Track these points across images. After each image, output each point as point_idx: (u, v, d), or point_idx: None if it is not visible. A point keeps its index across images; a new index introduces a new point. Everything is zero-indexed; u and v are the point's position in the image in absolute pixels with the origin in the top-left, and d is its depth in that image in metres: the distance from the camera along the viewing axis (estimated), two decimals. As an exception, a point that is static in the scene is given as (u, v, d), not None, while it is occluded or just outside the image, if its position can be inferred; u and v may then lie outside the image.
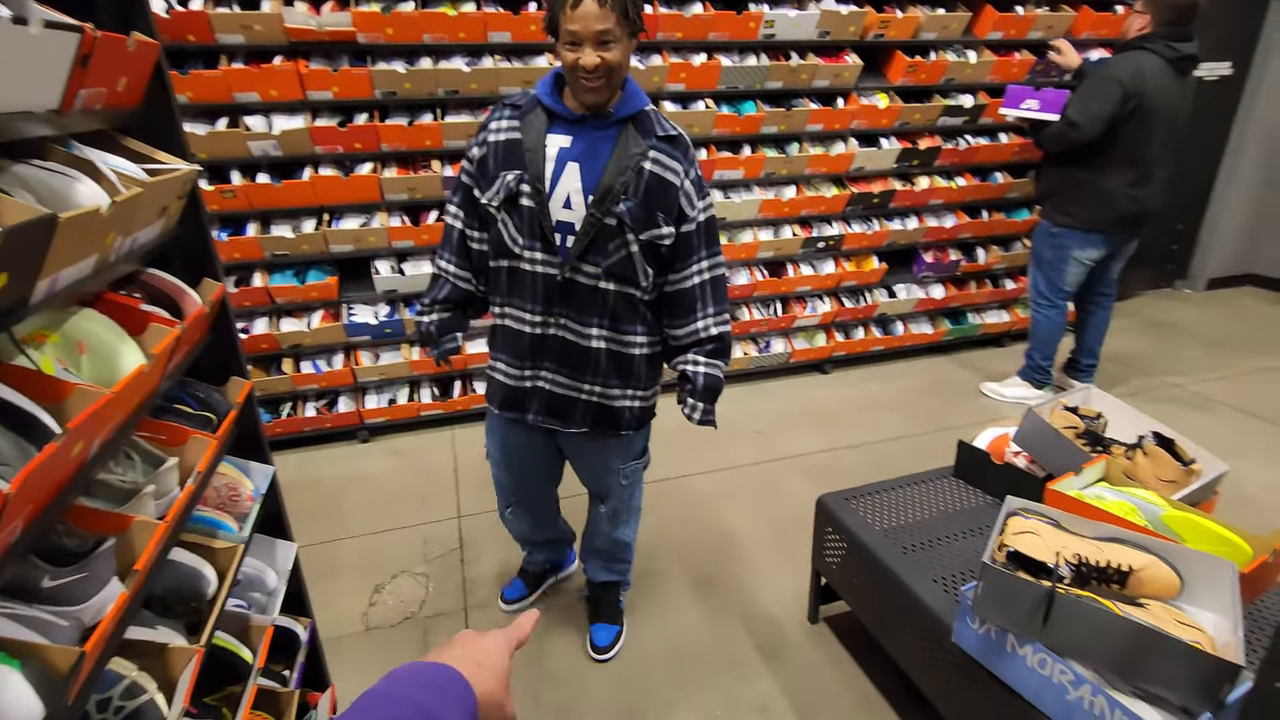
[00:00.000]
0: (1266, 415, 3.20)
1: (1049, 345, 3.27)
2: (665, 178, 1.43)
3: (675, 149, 1.45)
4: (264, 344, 2.73)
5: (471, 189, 1.53)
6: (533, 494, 1.89)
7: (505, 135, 1.46)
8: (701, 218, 1.50)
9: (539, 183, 1.43)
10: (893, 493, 1.90)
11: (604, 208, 1.41)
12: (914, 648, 1.55)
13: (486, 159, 1.49)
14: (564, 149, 1.43)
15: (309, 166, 2.61)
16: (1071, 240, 2.99)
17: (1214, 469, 1.59)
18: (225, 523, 1.20)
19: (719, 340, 1.57)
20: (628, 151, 1.41)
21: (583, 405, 1.59)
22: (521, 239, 1.47)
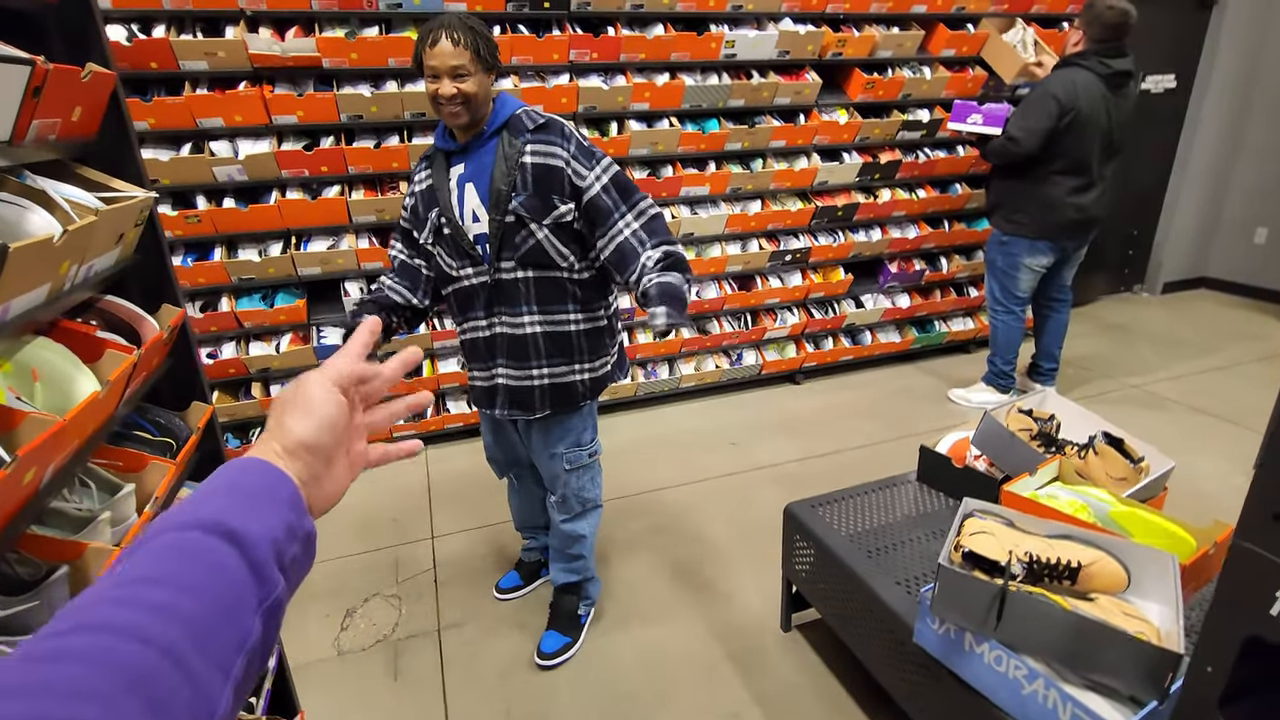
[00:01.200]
0: (1215, 412, 3.31)
1: (1009, 350, 3.35)
2: (547, 163, 1.55)
3: (548, 134, 1.57)
4: (232, 369, 2.71)
5: (411, 232, 1.73)
6: (522, 472, 2.04)
7: (424, 184, 1.67)
8: (601, 180, 1.57)
9: (449, 212, 1.61)
10: (858, 498, 1.94)
11: (500, 210, 1.56)
12: (880, 650, 1.58)
13: (416, 206, 1.69)
14: (461, 175, 1.60)
15: (275, 190, 2.61)
16: (1020, 248, 3.09)
17: (1162, 465, 1.65)
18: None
19: (665, 257, 1.58)
20: (508, 155, 1.55)
21: (538, 391, 1.71)
22: (455, 261, 1.65)
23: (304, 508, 0.46)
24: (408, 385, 2.95)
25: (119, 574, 0.36)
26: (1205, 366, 3.86)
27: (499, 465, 2.01)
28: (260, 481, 0.44)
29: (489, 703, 1.82)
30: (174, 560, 0.37)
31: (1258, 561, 0.78)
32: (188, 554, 0.38)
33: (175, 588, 0.36)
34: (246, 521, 0.40)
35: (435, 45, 1.47)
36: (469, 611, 2.15)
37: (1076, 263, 3.25)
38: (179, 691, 0.32)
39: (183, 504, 0.41)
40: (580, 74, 2.87)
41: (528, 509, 2.13)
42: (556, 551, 1.96)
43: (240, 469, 0.45)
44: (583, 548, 1.94)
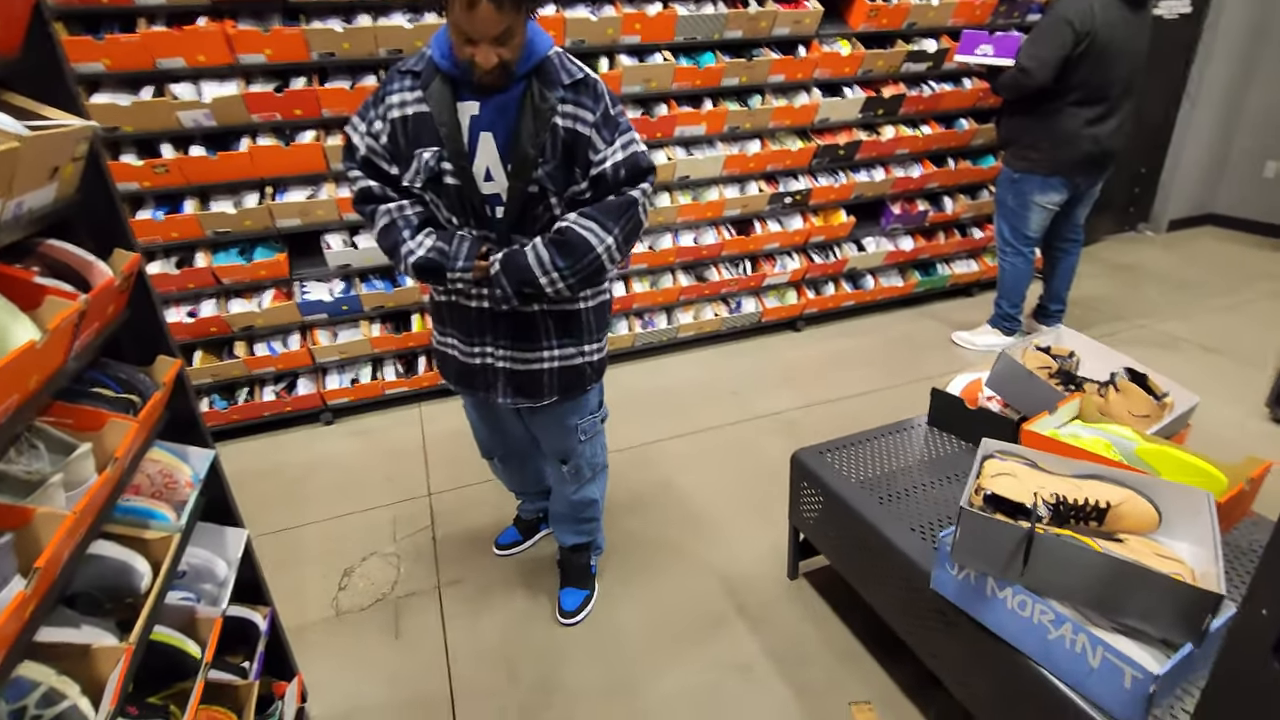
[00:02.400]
0: (1229, 352, 3.24)
1: (1017, 293, 3.26)
2: (576, 129, 1.34)
3: (583, 95, 1.34)
4: (214, 327, 2.60)
5: (379, 166, 1.42)
6: (513, 452, 1.90)
7: (412, 109, 1.35)
8: (615, 157, 1.35)
9: (461, 159, 1.34)
10: (867, 444, 1.87)
11: (524, 177, 1.34)
12: (894, 597, 1.53)
13: (396, 136, 1.37)
14: (475, 118, 1.34)
15: (246, 137, 2.46)
16: (1033, 185, 2.95)
17: (1186, 402, 1.57)
18: (159, 511, 1.12)
19: (561, 232, 1.37)
20: (537, 109, 1.31)
21: (547, 375, 1.55)
22: (455, 217, 1.42)
23: None
24: (398, 340, 2.85)
25: None
26: (1215, 305, 3.77)
27: (485, 445, 1.89)
28: None
29: (492, 661, 1.79)
30: None
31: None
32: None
33: None
34: None
35: (474, 9, 1.17)
36: (469, 568, 2.10)
37: (1091, 201, 3.12)
38: None
39: None
40: (566, 4, 2.68)
41: (520, 480, 2.03)
42: (565, 517, 1.88)
43: None
44: (595, 511, 1.88)
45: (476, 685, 1.72)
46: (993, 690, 1.29)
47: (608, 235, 1.38)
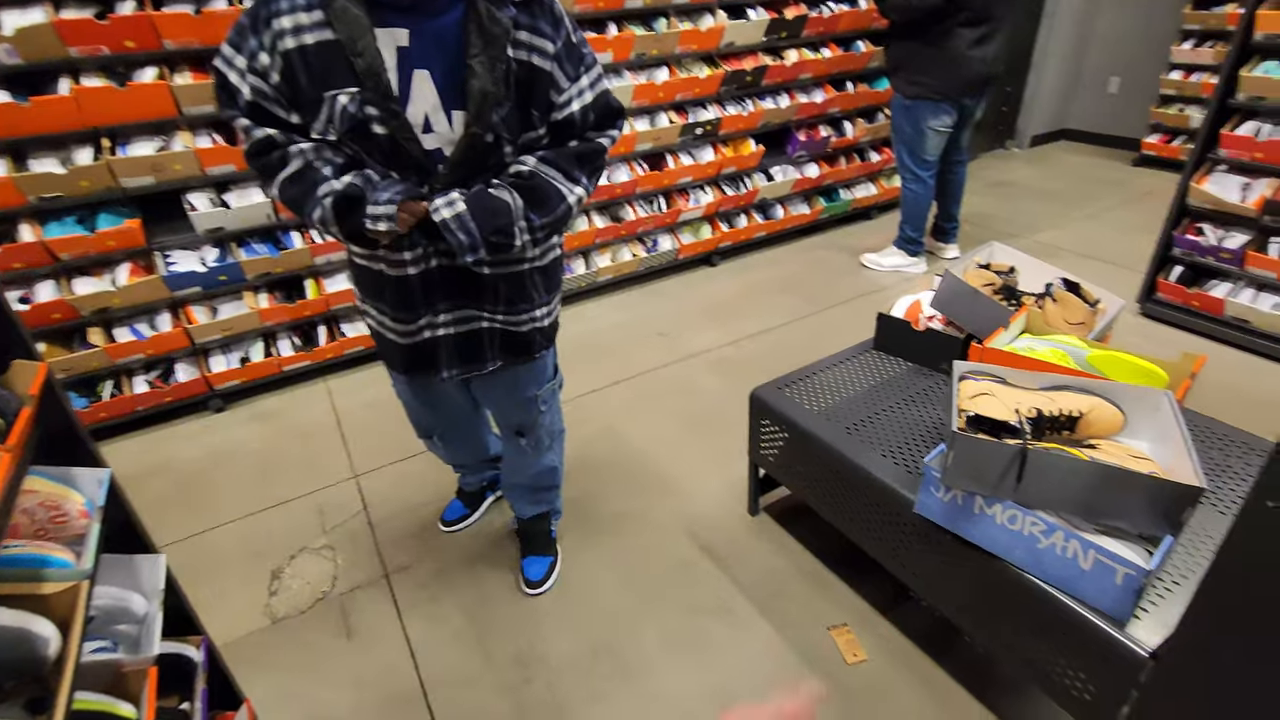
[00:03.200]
0: (1099, 256, 3.55)
1: (919, 216, 3.37)
2: (533, 63, 1.11)
3: (540, 18, 1.10)
4: (56, 313, 2.18)
5: (274, 115, 1.10)
6: (456, 424, 1.73)
7: (312, 36, 1.03)
8: (580, 103, 1.16)
9: (390, 102, 1.06)
10: (820, 374, 1.87)
11: (484, 122, 1.09)
12: (870, 523, 1.55)
13: (293, 74, 1.05)
14: (403, 50, 1.05)
15: (66, 77, 2.01)
16: (925, 110, 3.01)
17: (1114, 306, 1.67)
18: (53, 556, 0.90)
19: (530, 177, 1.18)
20: (488, 34, 1.05)
21: (486, 336, 1.36)
22: (389, 173, 1.13)
23: None
24: (291, 309, 2.53)
25: None
26: (1080, 215, 4.11)
27: (422, 425, 1.69)
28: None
29: (462, 644, 1.67)
30: None
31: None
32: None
33: None
34: None
35: None
36: (416, 551, 1.94)
37: (973, 121, 3.23)
38: None
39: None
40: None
41: (464, 454, 1.85)
42: (524, 489, 1.75)
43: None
44: (556, 478, 1.77)
45: (448, 673, 1.61)
46: (977, 599, 1.34)
47: (576, 186, 1.20)
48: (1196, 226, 2.77)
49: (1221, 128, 2.57)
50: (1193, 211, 2.75)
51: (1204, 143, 2.61)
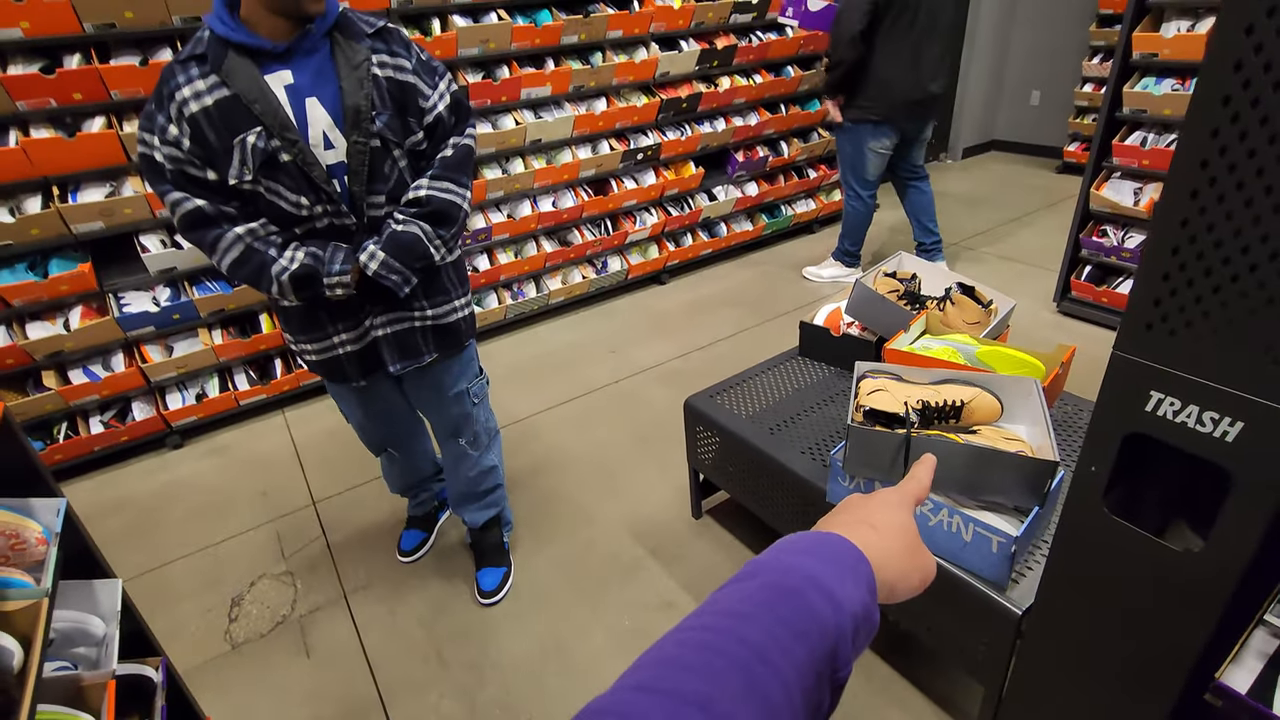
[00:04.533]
0: (1019, 258, 3.79)
1: (858, 233, 3.54)
2: (399, 79, 1.33)
3: (391, 42, 1.33)
4: (9, 359, 2.22)
5: (194, 175, 1.25)
6: (403, 438, 1.85)
7: (212, 97, 1.20)
8: (444, 103, 1.38)
9: (289, 132, 1.24)
10: (750, 382, 2.00)
11: (364, 131, 1.29)
12: (793, 515, 1.68)
13: (202, 134, 1.21)
14: (290, 87, 1.25)
15: (14, 129, 2.07)
16: (864, 133, 3.17)
17: (1005, 305, 1.84)
18: (13, 578, 0.97)
19: (427, 202, 1.38)
20: (353, 62, 1.28)
21: (419, 333, 1.53)
22: (303, 199, 1.30)
23: (876, 598, 0.42)
24: (246, 344, 2.59)
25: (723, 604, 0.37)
26: (1004, 219, 4.37)
27: (376, 441, 1.82)
28: (848, 555, 0.41)
29: (419, 654, 1.75)
30: (772, 598, 0.37)
31: (1133, 368, 0.88)
32: (783, 593, 0.37)
33: (786, 631, 0.35)
34: (843, 586, 0.38)
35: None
36: (374, 571, 2.02)
37: (924, 143, 3.36)
38: None
39: (777, 552, 0.41)
40: (385, -40, 2.49)
41: (410, 473, 1.96)
42: (467, 495, 1.85)
43: (826, 541, 0.42)
44: (497, 477, 1.87)
45: (406, 680, 1.68)
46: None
47: (465, 189, 1.42)
48: (1100, 229, 3.00)
49: (1113, 138, 2.80)
50: (1096, 215, 2.98)
51: (1098, 152, 2.84)
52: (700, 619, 0.36)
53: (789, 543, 0.42)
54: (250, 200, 1.30)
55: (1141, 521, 0.95)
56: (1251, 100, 0.69)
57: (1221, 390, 0.80)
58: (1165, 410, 0.86)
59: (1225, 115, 0.71)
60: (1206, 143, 0.73)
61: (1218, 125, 0.72)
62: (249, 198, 1.29)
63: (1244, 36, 0.67)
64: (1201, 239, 0.76)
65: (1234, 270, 0.75)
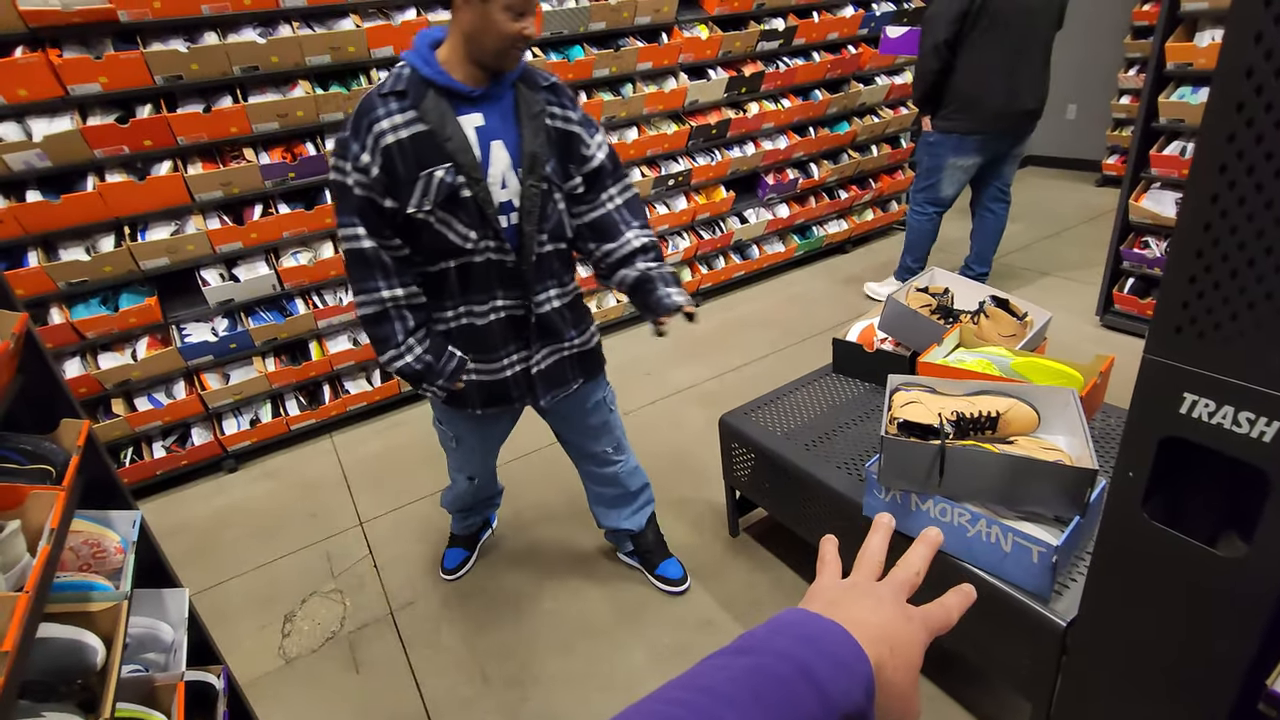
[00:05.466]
0: (1058, 273, 3.73)
1: (919, 249, 3.45)
2: (565, 128, 1.45)
3: (560, 94, 1.46)
4: (82, 388, 2.37)
5: (376, 202, 1.35)
6: (492, 463, 1.93)
7: (407, 131, 1.31)
8: (603, 153, 1.51)
9: (476, 171, 1.35)
10: (784, 399, 2.02)
11: (537, 174, 1.40)
12: (830, 530, 1.68)
13: (392, 164, 1.32)
14: (480, 129, 1.36)
15: (92, 175, 2.24)
16: (948, 145, 3.06)
17: (1041, 318, 1.83)
18: (98, 582, 1.05)
19: (653, 247, 1.58)
20: (532, 111, 1.39)
21: (568, 363, 1.62)
22: (473, 233, 1.40)
23: (873, 703, 0.38)
24: (297, 371, 2.71)
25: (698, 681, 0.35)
26: (1043, 234, 4.31)
27: (475, 467, 1.85)
28: (849, 653, 0.38)
29: (463, 670, 1.79)
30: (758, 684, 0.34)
31: (1165, 370, 0.89)
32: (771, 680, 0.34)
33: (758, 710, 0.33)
34: (837, 683, 0.35)
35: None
36: (419, 589, 2.07)
37: (1017, 160, 3.21)
38: None
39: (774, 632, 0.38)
40: (427, 6, 2.64)
41: (482, 491, 1.97)
42: (621, 500, 1.91)
43: (829, 631, 0.39)
44: (644, 475, 1.93)
45: (451, 696, 1.72)
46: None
47: (644, 226, 1.59)
48: (1142, 240, 2.95)
49: (1150, 149, 2.77)
50: (1136, 227, 2.93)
51: (1136, 163, 2.81)
52: (678, 691, 0.34)
53: (789, 625, 0.39)
54: (418, 231, 1.39)
55: (1191, 533, 0.94)
56: (1265, 105, 0.71)
57: (1255, 390, 0.80)
58: (1200, 412, 0.86)
59: (1240, 120, 0.73)
60: (1223, 147, 0.75)
61: (1234, 130, 0.73)
62: (418, 227, 1.38)
63: (1253, 44, 0.70)
64: (1225, 242, 0.78)
65: (1259, 271, 0.76)
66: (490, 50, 1.30)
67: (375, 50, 2.52)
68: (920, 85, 3.03)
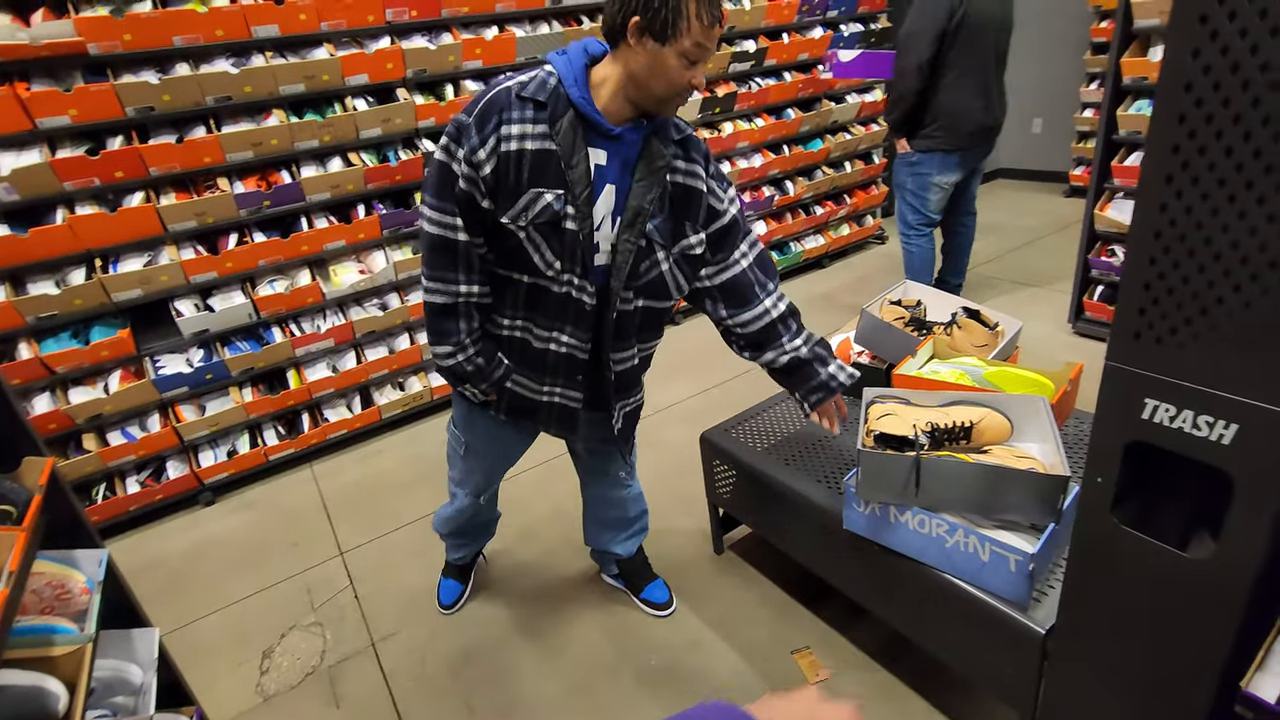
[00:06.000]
0: (1031, 281, 3.80)
1: (926, 273, 3.33)
2: (688, 185, 1.36)
3: (691, 150, 1.37)
4: (52, 424, 2.32)
5: (475, 199, 1.27)
6: (493, 480, 1.82)
7: (533, 144, 1.23)
8: (735, 209, 1.44)
9: (589, 205, 1.27)
10: (764, 414, 2.03)
11: (636, 231, 1.31)
12: (813, 544, 1.68)
13: (505, 170, 1.23)
14: (600, 167, 1.28)
15: (61, 207, 2.22)
16: (931, 165, 3.03)
17: (1013, 327, 1.86)
18: (60, 625, 1.02)
19: (793, 314, 1.54)
20: (653, 166, 1.30)
21: (616, 415, 1.56)
22: (558, 263, 1.31)
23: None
24: (274, 401, 2.68)
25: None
26: (1014, 244, 4.39)
27: (490, 480, 1.78)
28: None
29: (447, 702, 1.75)
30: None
31: (1126, 376, 0.90)
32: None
33: None
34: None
35: (716, 27, 1.17)
36: (402, 618, 2.04)
37: (981, 173, 3.27)
38: None
39: None
40: (401, 34, 2.66)
41: (486, 512, 1.91)
42: (619, 524, 1.89)
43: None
44: (644, 502, 1.91)
45: (434, 730, 1.69)
46: (910, 603, 1.46)
47: (778, 285, 1.56)
48: (1109, 249, 3.02)
49: (1112, 160, 2.84)
50: (1103, 235, 3.00)
51: (1099, 174, 2.88)
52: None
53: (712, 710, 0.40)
54: (504, 237, 1.31)
55: (1164, 536, 0.95)
56: (1206, 117, 0.73)
57: (1213, 394, 0.82)
58: (1161, 417, 0.88)
59: (1183, 132, 0.75)
60: (1169, 159, 0.77)
61: (1177, 142, 0.76)
62: (505, 234, 1.30)
63: (1190, 59, 0.72)
64: (1175, 249, 0.80)
65: (1209, 276, 0.78)
66: (655, 95, 1.22)
67: (349, 78, 2.53)
68: (900, 106, 2.98)
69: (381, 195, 2.78)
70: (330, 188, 2.60)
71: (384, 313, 2.83)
